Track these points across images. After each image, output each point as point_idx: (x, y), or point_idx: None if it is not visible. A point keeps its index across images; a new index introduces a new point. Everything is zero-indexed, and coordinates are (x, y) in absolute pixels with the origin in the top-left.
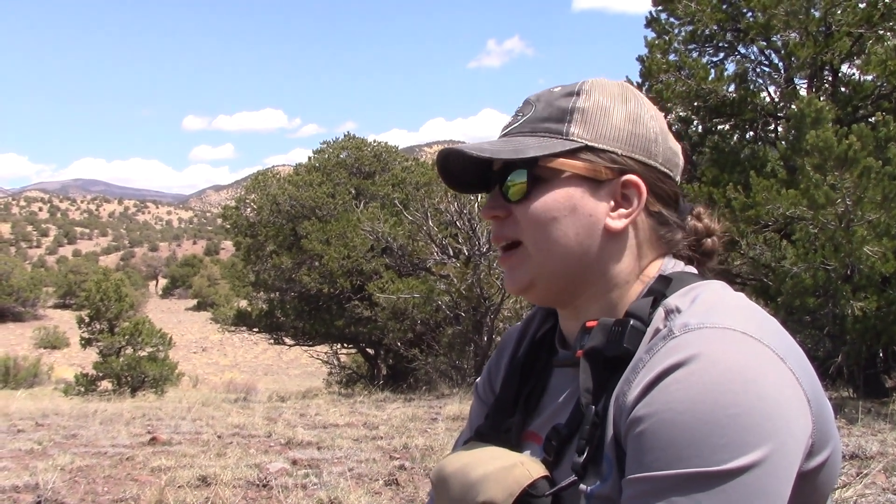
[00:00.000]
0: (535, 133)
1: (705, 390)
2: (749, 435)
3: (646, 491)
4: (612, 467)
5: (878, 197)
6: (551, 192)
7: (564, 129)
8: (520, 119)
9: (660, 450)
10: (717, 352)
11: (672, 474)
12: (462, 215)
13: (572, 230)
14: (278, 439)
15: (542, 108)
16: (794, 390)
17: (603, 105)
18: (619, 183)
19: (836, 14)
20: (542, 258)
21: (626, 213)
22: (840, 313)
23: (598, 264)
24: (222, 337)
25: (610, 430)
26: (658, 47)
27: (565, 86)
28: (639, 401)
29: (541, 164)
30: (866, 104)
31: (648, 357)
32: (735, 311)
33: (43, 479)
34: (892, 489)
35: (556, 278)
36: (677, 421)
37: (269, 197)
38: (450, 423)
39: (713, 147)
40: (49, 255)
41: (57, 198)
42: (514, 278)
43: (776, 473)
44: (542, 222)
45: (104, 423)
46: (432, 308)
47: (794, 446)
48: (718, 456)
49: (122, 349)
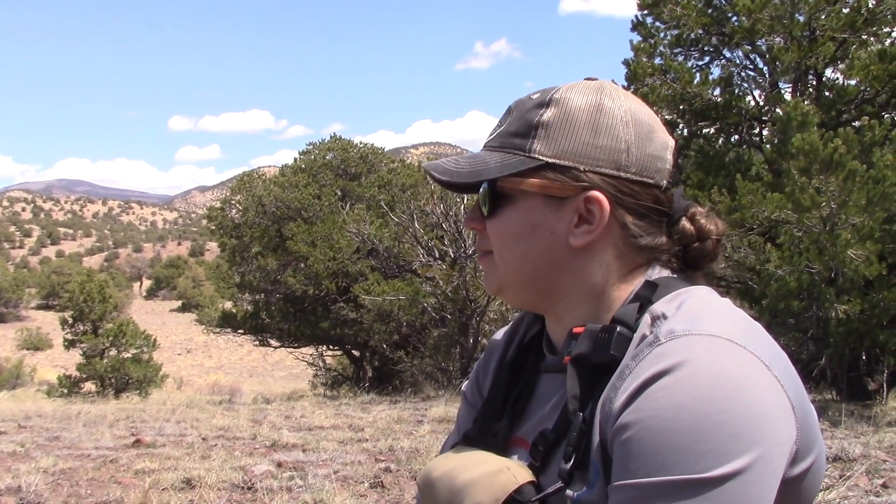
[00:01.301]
0: (503, 148)
1: (691, 398)
2: (734, 442)
3: (631, 497)
4: (598, 474)
5: (863, 200)
6: (513, 211)
7: (528, 146)
8: (497, 130)
9: (645, 456)
10: (702, 359)
11: (657, 481)
12: (448, 217)
13: (535, 247)
14: (263, 441)
15: (513, 121)
16: (778, 398)
17: (570, 118)
18: (581, 199)
19: (820, 19)
20: (505, 270)
21: (588, 230)
22: (824, 316)
23: (567, 277)
24: (207, 338)
25: (596, 436)
26: (644, 51)
27: (543, 91)
28: (625, 408)
29: (499, 183)
30: (850, 108)
31: (634, 364)
32: (721, 318)
33: (25, 482)
34: (874, 491)
35: (521, 288)
36: (663, 428)
37: (255, 198)
38: (435, 425)
39: (698, 150)
40: (32, 256)
41: (40, 198)
42: (486, 282)
43: (760, 481)
44: (504, 238)
45: (88, 425)
46: (418, 310)
47: (778, 454)
48: (703, 463)
49: (106, 351)
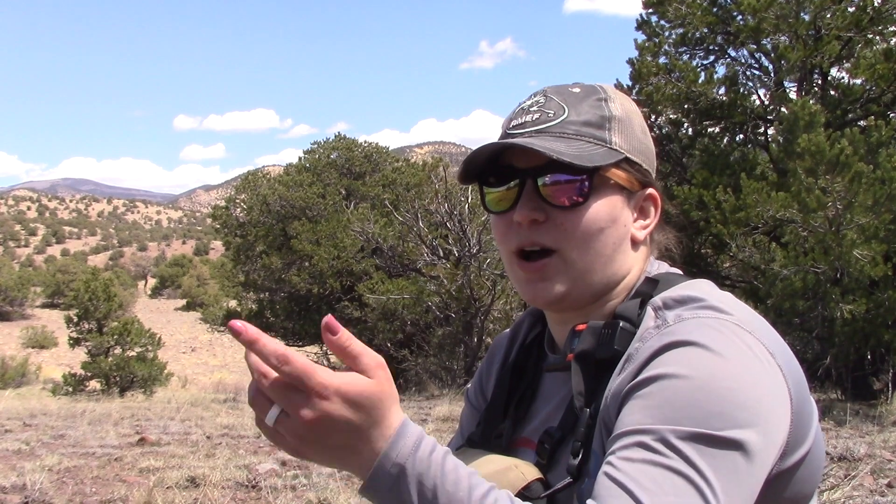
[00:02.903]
0: (581, 137)
1: (702, 363)
2: (743, 413)
3: (636, 442)
4: (599, 460)
5: (869, 201)
6: (600, 202)
7: (607, 138)
8: (551, 117)
9: (655, 407)
10: (713, 336)
11: (665, 428)
12: (452, 216)
13: (612, 240)
14: (267, 440)
15: (578, 111)
16: (780, 388)
17: (627, 115)
18: (642, 195)
19: (825, 18)
20: (585, 268)
21: (644, 225)
22: (829, 316)
23: (621, 272)
24: (211, 337)
25: (601, 425)
26: (648, 50)
27: (582, 86)
28: (635, 376)
29: (600, 172)
30: (855, 108)
31: (642, 344)
32: (727, 306)
33: (30, 480)
34: (879, 491)
35: (590, 288)
36: (675, 385)
37: (259, 197)
38: (439, 424)
39: (703, 149)
40: (37, 255)
41: (46, 197)
42: (548, 290)
43: (759, 457)
44: (590, 232)
45: (92, 423)
46: (422, 309)
47: (775, 437)
48: (714, 422)
49: (111, 349)
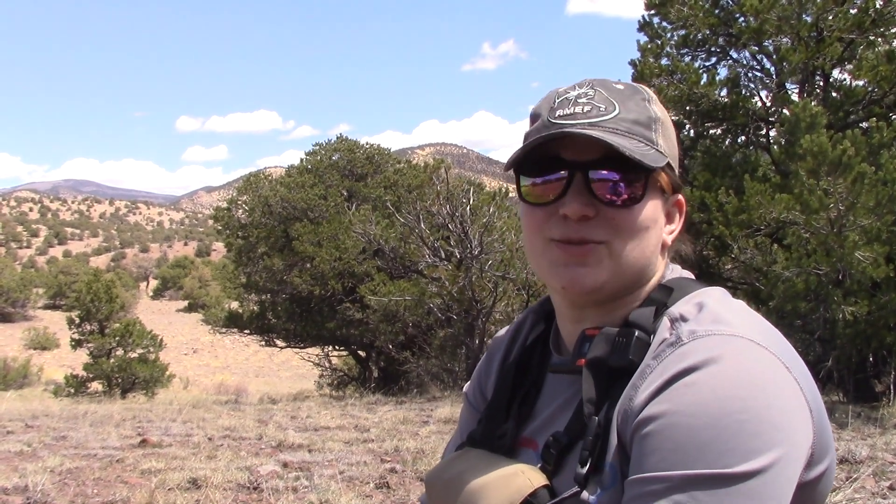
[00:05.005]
0: (633, 135)
1: (715, 395)
2: (755, 441)
3: (649, 491)
4: (616, 476)
5: (871, 202)
6: (650, 202)
7: (654, 139)
8: (602, 112)
9: (667, 451)
10: (726, 358)
11: (677, 475)
12: (454, 218)
13: (654, 241)
14: (269, 442)
15: (627, 108)
16: (798, 400)
17: (667, 118)
18: (672, 200)
19: (827, 19)
20: (628, 263)
21: (671, 230)
22: (831, 318)
23: (651, 274)
24: (213, 339)
25: (614, 438)
26: (650, 51)
27: (625, 83)
28: (647, 403)
29: (655, 173)
30: (858, 109)
31: (657, 363)
32: (741, 319)
33: (32, 482)
34: (881, 493)
35: (624, 284)
36: (685, 424)
37: (261, 198)
38: (441, 425)
39: (705, 151)
40: (39, 256)
41: (47, 198)
42: (590, 275)
43: (779, 481)
44: (640, 230)
45: (94, 424)
46: (424, 310)
47: (796, 455)
48: (724, 460)
49: (113, 350)
